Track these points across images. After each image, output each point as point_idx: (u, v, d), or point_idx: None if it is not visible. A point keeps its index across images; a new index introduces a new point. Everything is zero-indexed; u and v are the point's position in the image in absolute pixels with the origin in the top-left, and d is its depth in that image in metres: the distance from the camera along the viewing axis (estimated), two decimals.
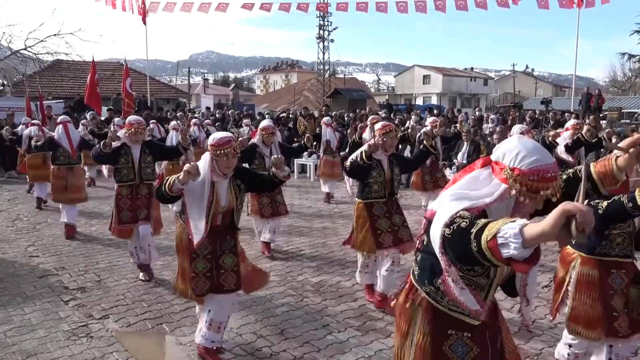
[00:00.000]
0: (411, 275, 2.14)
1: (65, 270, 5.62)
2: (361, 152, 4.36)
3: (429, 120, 9.35)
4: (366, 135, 7.24)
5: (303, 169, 13.20)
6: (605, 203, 2.79)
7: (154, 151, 5.38)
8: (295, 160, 12.60)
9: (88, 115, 14.77)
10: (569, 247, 3.24)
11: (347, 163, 4.46)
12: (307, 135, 6.64)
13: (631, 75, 41.31)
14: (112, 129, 8.39)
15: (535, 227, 1.43)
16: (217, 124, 16.76)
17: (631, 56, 26.72)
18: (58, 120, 7.45)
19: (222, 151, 3.33)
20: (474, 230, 1.57)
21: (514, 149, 1.80)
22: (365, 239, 4.52)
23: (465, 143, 10.34)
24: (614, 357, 3.20)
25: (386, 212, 4.54)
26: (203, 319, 3.64)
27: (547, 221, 1.41)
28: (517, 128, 6.24)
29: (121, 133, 5.29)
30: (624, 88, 43.42)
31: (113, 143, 5.09)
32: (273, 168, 3.61)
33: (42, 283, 5.22)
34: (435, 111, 18.39)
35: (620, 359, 3.21)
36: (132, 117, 5.43)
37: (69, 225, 7.04)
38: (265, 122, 6.53)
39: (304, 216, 8.45)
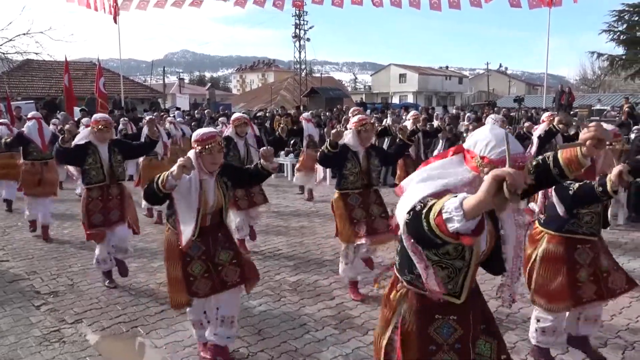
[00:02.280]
0: (394, 267, 2.16)
1: (36, 275, 5.49)
2: (326, 141, 4.50)
3: (410, 114, 9.58)
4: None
5: (281, 168, 13.13)
6: (576, 185, 2.93)
7: (123, 149, 5.17)
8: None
9: (60, 116, 14.46)
10: (537, 225, 3.36)
11: (319, 153, 4.62)
12: (281, 125, 6.50)
13: (600, 74, 42.32)
14: (81, 129, 8.22)
15: (473, 197, 1.49)
16: (193, 123, 16.59)
17: (600, 55, 27.32)
18: (29, 116, 7.31)
19: (207, 146, 3.26)
20: (424, 211, 1.63)
21: (484, 138, 1.87)
22: (344, 229, 4.58)
23: (440, 140, 10.51)
24: (583, 318, 3.40)
25: (361, 203, 4.59)
26: (200, 319, 3.55)
27: (481, 189, 1.47)
28: (492, 117, 6.27)
29: (86, 132, 5.07)
30: (594, 86, 44.48)
31: (78, 138, 4.95)
32: (262, 160, 3.54)
33: (12, 288, 5.09)
34: (410, 109, 18.55)
35: (589, 319, 3.41)
36: (97, 115, 5.26)
37: (45, 226, 6.99)
38: (237, 114, 6.57)
39: (281, 215, 8.42)
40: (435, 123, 9.45)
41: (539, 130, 6.70)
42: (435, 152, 9.85)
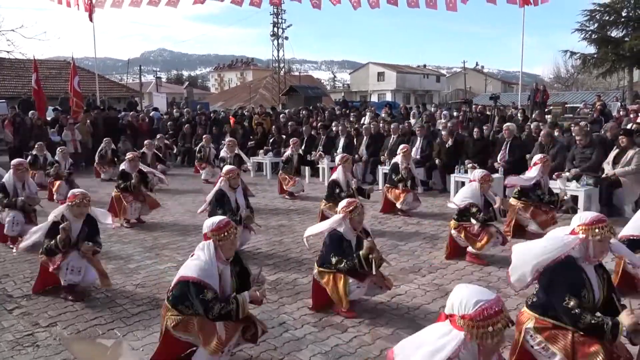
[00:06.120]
0: None
1: (9, 278, 5.37)
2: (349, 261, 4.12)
3: (400, 147, 8.35)
4: (338, 175, 7.24)
5: (259, 167, 13.13)
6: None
7: (92, 231, 4.82)
8: (251, 158, 12.53)
9: (31, 114, 14.14)
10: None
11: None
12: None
13: (573, 72, 43.24)
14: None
15: None
16: (169, 123, 16.42)
17: (573, 53, 27.94)
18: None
19: (224, 234, 3.25)
20: None
21: (458, 298, 2.11)
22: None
23: (418, 139, 10.58)
24: None
25: None
26: None
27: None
28: (477, 173, 5.88)
29: (62, 207, 4.77)
30: (568, 84, 45.47)
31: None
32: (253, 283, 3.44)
33: None
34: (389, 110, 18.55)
35: None
36: (76, 190, 4.96)
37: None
38: (228, 167, 6.41)
39: (260, 214, 8.36)
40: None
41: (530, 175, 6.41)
42: (414, 151, 9.86)
